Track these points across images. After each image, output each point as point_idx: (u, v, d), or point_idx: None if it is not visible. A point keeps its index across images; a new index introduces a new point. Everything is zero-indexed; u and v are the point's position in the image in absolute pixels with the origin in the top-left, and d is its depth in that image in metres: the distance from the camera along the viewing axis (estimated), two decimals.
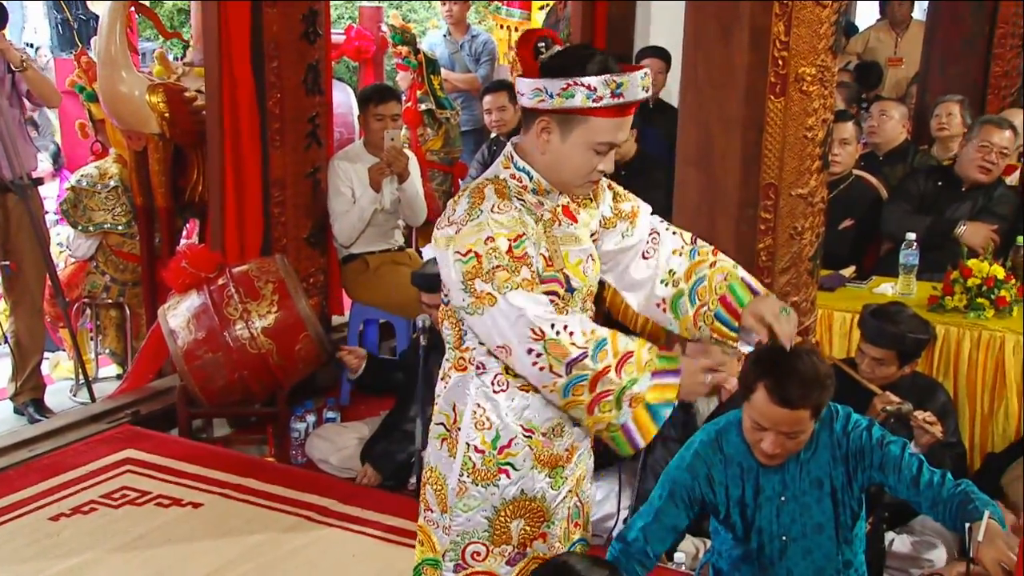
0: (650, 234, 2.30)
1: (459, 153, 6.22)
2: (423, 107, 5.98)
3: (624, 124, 2.06)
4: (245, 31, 4.38)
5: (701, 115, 3.36)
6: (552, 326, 1.97)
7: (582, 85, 1.97)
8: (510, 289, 1.98)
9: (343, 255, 4.92)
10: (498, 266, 1.99)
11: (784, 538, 2.48)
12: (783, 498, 2.47)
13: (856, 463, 2.43)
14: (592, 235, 2.22)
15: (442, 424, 2.19)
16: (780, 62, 3.19)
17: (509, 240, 2.00)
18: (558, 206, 2.14)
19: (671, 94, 6.21)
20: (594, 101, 1.98)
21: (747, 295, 2.18)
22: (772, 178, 3.29)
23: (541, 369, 1.98)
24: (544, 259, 2.08)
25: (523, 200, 2.08)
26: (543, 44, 2.05)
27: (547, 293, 2.06)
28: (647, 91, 2.03)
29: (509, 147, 2.14)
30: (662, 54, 5.92)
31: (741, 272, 2.23)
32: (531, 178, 2.09)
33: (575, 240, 2.15)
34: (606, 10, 6.11)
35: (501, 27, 7.79)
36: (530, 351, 1.98)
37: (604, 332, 2.00)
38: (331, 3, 5.35)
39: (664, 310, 2.27)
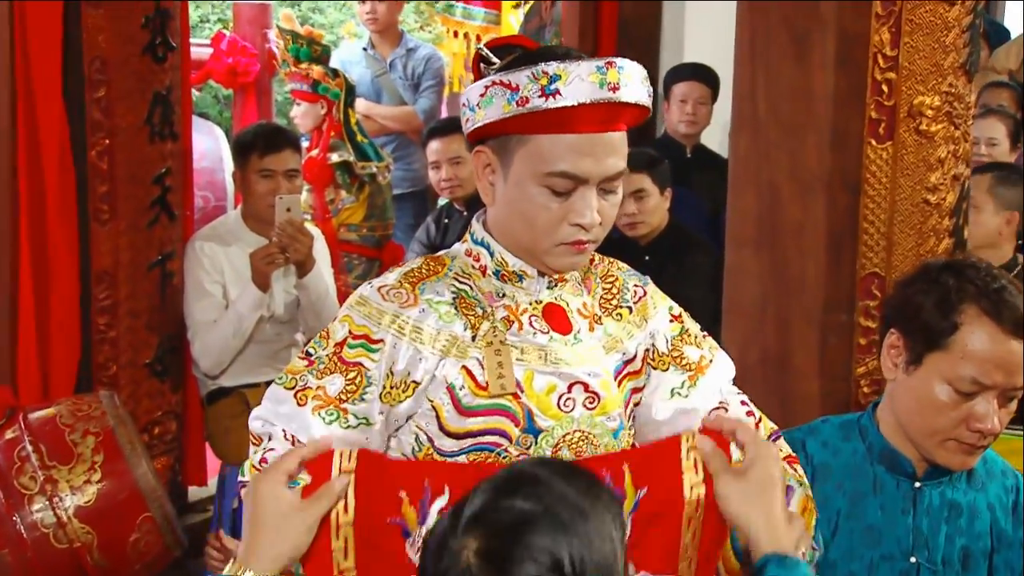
0: (715, 408, 2.27)
1: (390, 229, 6.26)
2: (335, 158, 6.03)
3: (592, 145, 2.02)
4: (55, 41, 4.41)
5: (764, 169, 3.43)
6: (270, 438, 2.12)
7: (501, 84, 1.99)
8: (281, 383, 2.14)
9: (209, 389, 4.92)
10: (306, 354, 2.15)
11: None
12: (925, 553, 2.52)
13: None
14: (627, 361, 2.23)
15: None
16: (885, 88, 3.26)
17: (350, 333, 2.12)
18: (537, 303, 2.17)
19: (720, 137, 6.31)
20: (518, 104, 1.96)
21: None
22: (876, 265, 3.33)
23: None
24: (471, 380, 2.08)
25: (468, 287, 2.14)
26: (485, 53, 2.10)
27: (487, 433, 2.07)
28: (613, 90, 1.96)
29: (477, 216, 2.22)
30: (704, 76, 6.04)
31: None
32: (491, 255, 2.16)
33: (546, 357, 2.13)
34: (616, 11, 6.22)
35: (456, 35, 7.94)
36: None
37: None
38: (191, 0, 5.45)
39: None
